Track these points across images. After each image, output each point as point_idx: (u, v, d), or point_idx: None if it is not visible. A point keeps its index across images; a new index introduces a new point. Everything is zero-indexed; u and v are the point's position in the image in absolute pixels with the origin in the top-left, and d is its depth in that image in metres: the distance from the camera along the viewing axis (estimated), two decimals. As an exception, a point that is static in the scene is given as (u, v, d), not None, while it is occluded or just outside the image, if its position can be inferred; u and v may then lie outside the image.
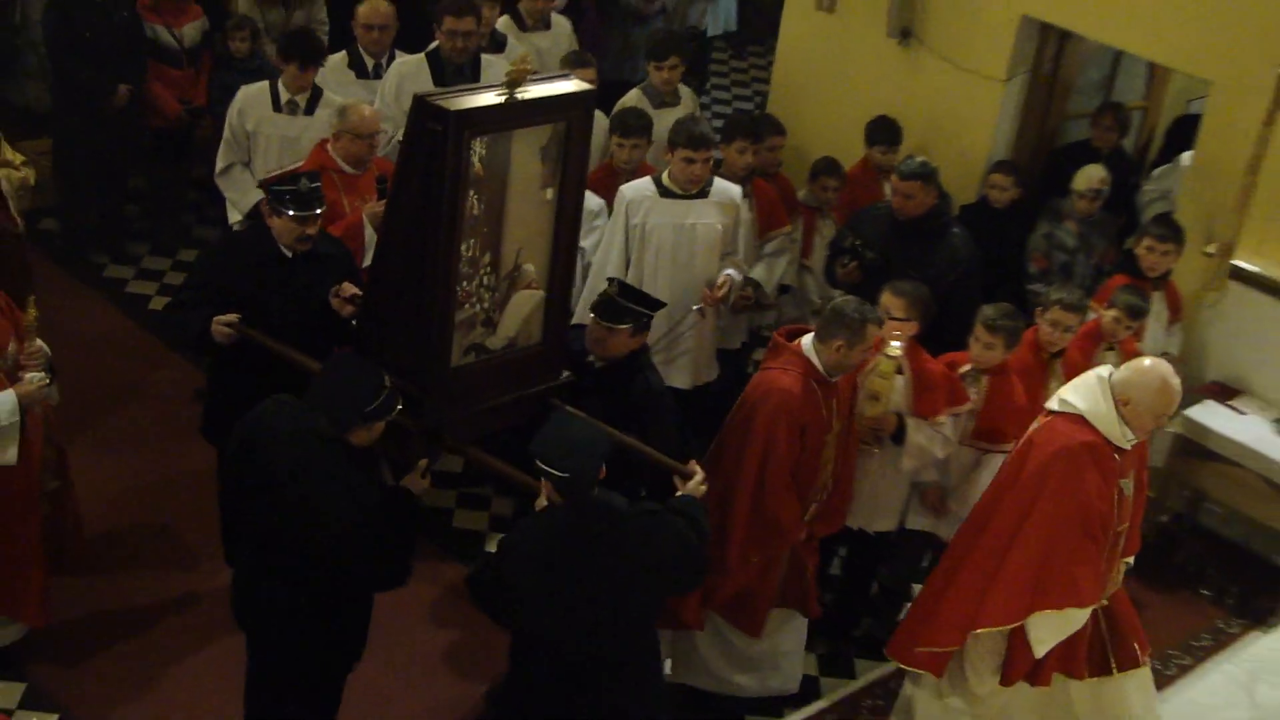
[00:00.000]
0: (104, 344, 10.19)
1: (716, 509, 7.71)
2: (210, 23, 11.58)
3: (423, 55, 10.46)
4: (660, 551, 6.73)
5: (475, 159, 7.03)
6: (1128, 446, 7.26)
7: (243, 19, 11.42)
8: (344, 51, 10.64)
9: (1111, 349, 9.35)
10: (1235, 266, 10.09)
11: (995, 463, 8.63)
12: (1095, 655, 7.69)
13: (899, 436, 8.53)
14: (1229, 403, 10.24)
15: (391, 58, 10.65)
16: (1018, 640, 7.43)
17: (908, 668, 7.91)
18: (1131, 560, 7.79)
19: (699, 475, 7.18)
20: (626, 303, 7.69)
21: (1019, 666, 7.49)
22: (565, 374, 7.82)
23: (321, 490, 6.57)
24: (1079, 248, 10.52)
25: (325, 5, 11.87)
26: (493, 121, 7.04)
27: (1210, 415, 10.15)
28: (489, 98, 7.00)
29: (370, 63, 10.64)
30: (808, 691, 8.94)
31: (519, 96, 7.05)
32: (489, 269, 7.41)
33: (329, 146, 9.22)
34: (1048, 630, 7.26)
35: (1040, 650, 7.32)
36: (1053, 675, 7.58)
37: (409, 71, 10.44)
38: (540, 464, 6.41)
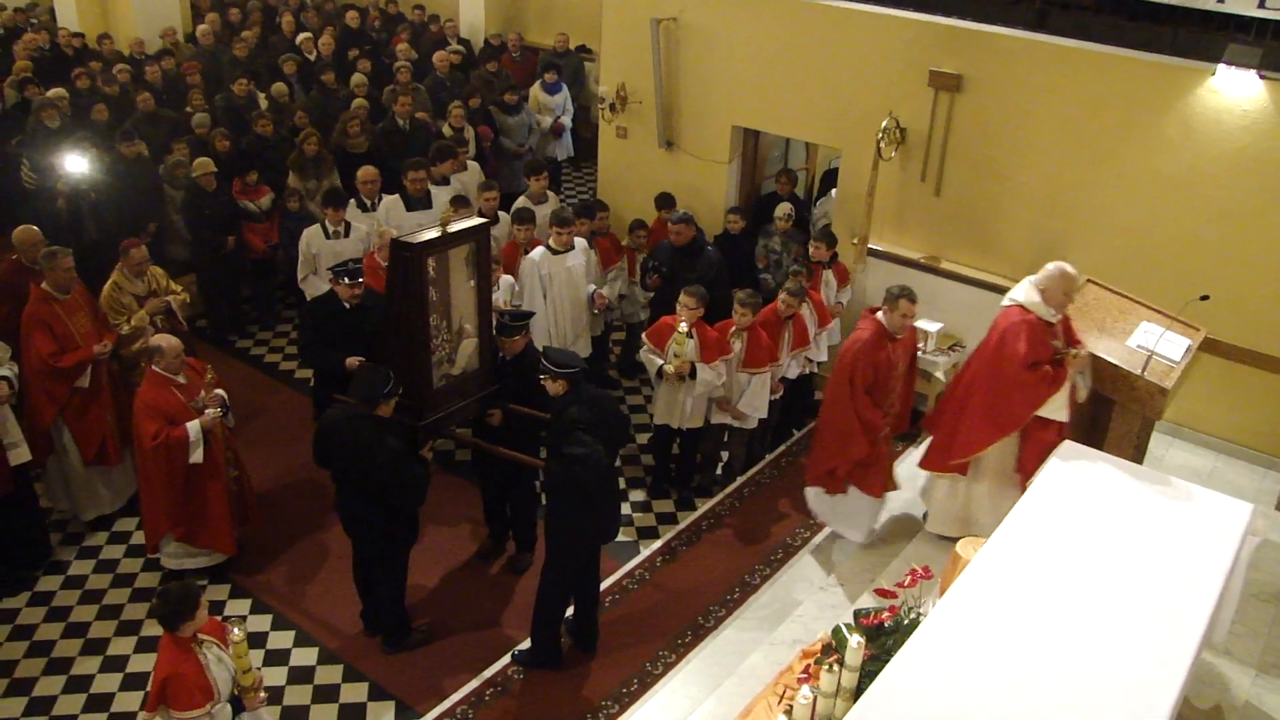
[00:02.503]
0: (242, 386, 10.16)
1: (841, 413, 7.63)
2: (275, 193, 11.52)
3: (398, 195, 10.54)
4: (615, 409, 7.38)
5: (430, 268, 7.24)
6: (1054, 321, 7.02)
7: (292, 190, 11.39)
8: (352, 199, 10.58)
9: (805, 301, 9.31)
10: (870, 248, 10.18)
11: (758, 379, 8.92)
12: None
13: (694, 375, 8.63)
14: (877, 324, 10.36)
15: (380, 199, 10.64)
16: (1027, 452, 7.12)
17: (940, 473, 7.60)
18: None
19: None
20: (512, 323, 7.87)
21: (1027, 467, 7.06)
22: (495, 385, 7.91)
23: (365, 443, 6.84)
24: (783, 251, 10.64)
25: (339, 174, 11.81)
26: (437, 247, 7.26)
27: (868, 332, 10.29)
28: (433, 233, 7.26)
29: (368, 202, 10.59)
30: (667, 516, 9.13)
31: (449, 230, 7.32)
32: (446, 330, 7.56)
33: (376, 254, 9.40)
34: (1053, 407, 6.95)
35: (1064, 415, 6.97)
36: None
37: (391, 204, 10.52)
38: (557, 369, 6.90)
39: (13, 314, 8.35)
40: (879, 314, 7.59)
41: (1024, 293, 7.10)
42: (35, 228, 8.84)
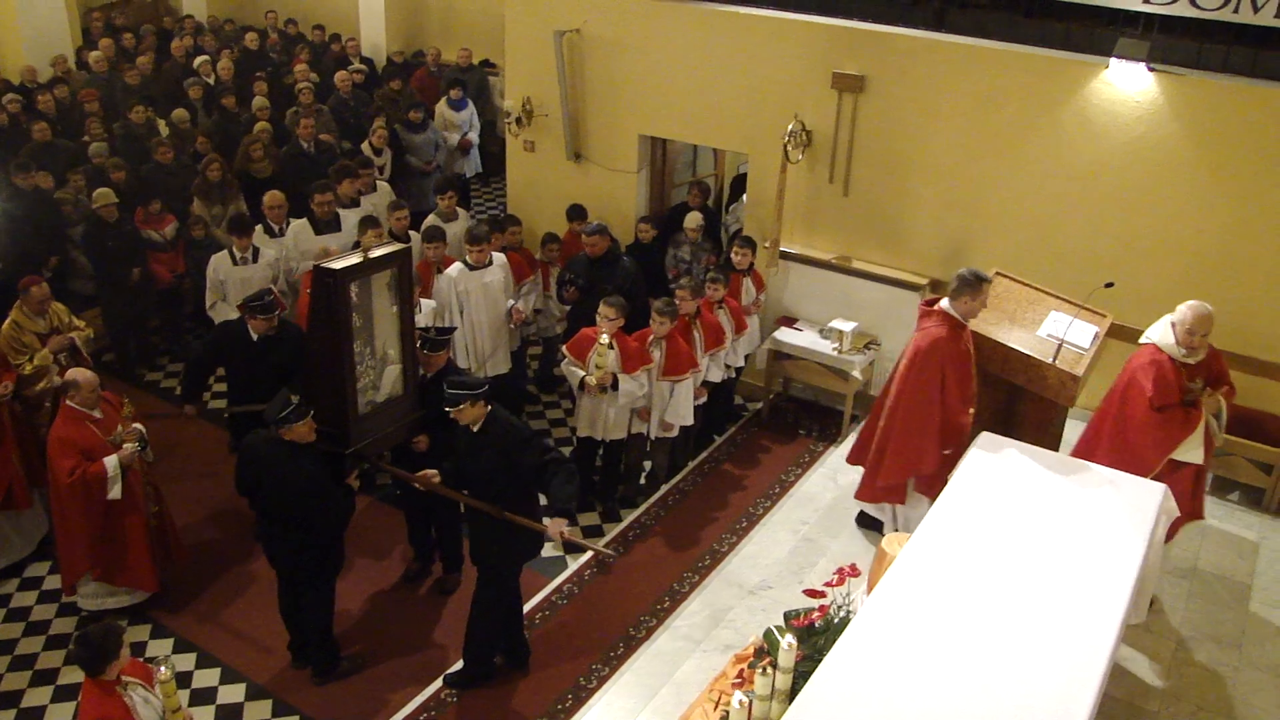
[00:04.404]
0: (153, 420, 10.02)
1: (921, 418, 7.16)
2: (179, 221, 11.33)
3: (305, 219, 10.41)
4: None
5: (353, 294, 7.19)
6: (1189, 361, 6.69)
7: (197, 218, 11.20)
8: (259, 225, 10.43)
9: (722, 307, 9.52)
10: (782, 250, 10.27)
11: (680, 387, 8.93)
12: None
13: (616, 386, 8.62)
14: (793, 326, 10.34)
15: (288, 223, 10.49)
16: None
17: None
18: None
19: None
20: (434, 338, 7.87)
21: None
22: (420, 411, 7.83)
23: (282, 468, 6.79)
24: (693, 260, 10.67)
25: (244, 200, 11.67)
26: (359, 272, 7.20)
27: (784, 334, 10.21)
28: (355, 258, 7.20)
29: (276, 228, 10.45)
30: (593, 529, 9.10)
31: (370, 256, 7.27)
32: (370, 355, 7.50)
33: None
34: (1187, 449, 6.70)
35: (1198, 457, 6.70)
36: None
37: (299, 229, 10.40)
38: (469, 393, 6.80)
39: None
40: (943, 304, 7.15)
41: (1159, 332, 6.86)
42: None
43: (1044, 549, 5.70)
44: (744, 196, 11.19)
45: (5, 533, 8.46)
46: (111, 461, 7.45)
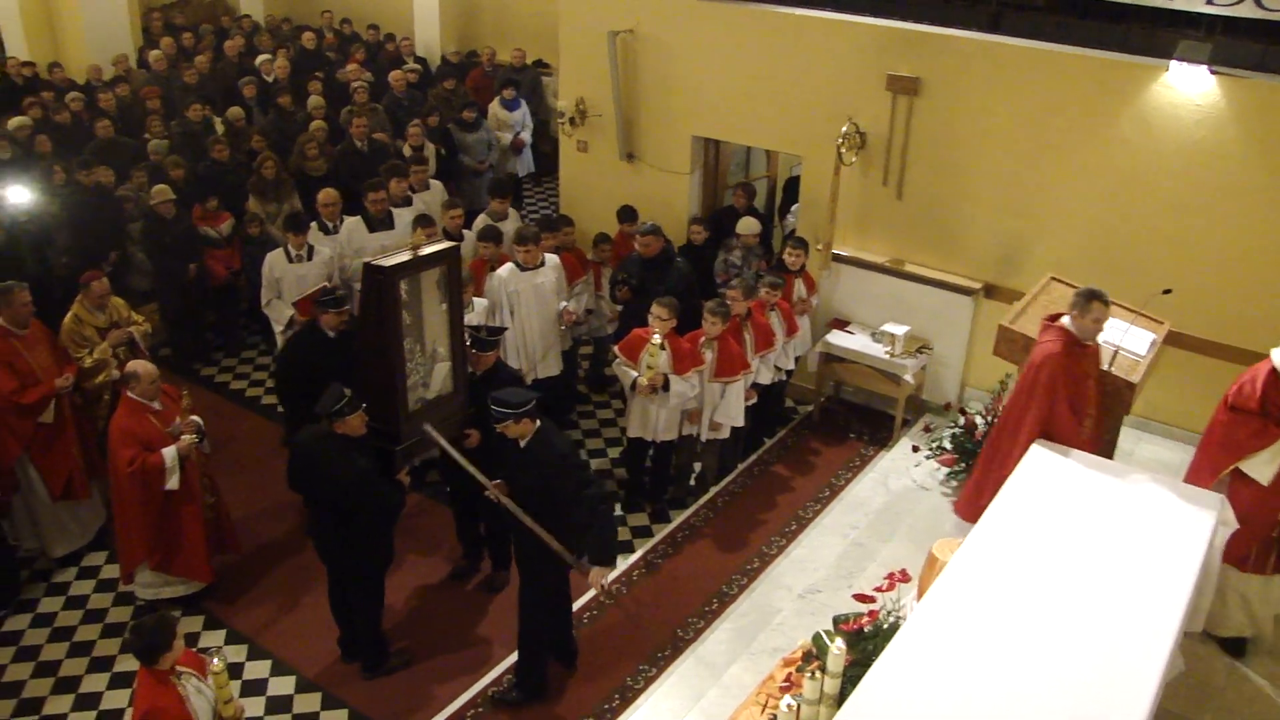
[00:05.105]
0: (210, 414, 9.93)
1: (1010, 435, 6.80)
2: (235, 219, 11.49)
3: (359, 217, 10.50)
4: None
5: (403, 292, 7.24)
6: None
7: (253, 215, 11.36)
8: (314, 222, 10.50)
9: (773, 309, 9.51)
10: (835, 253, 10.26)
11: (731, 388, 8.91)
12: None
13: (667, 387, 8.62)
14: (845, 329, 10.33)
15: (341, 221, 10.56)
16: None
17: None
18: None
19: None
20: (488, 337, 7.90)
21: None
22: (471, 408, 7.86)
23: (332, 462, 6.85)
24: (743, 265, 10.57)
25: (300, 197, 11.82)
26: (409, 270, 7.26)
27: (836, 337, 10.22)
28: (405, 256, 7.25)
29: (330, 225, 10.51)
30: (643, 530, 9.12)
31: (420, 254, 7.33)
32: (420, 353, 7.55)
33: None
34: (1255, 462, 6.37)
35: (1264, 477, 6.34)
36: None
37: (353, 226, 10.47)
38: (511, 412, 6.71)
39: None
40: (1063, 320, 6.82)
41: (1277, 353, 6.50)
42: None
43: (1098, 557, 5.64)
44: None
45: (64, 522, 8.63)
46: (170, 452, 7.59)
